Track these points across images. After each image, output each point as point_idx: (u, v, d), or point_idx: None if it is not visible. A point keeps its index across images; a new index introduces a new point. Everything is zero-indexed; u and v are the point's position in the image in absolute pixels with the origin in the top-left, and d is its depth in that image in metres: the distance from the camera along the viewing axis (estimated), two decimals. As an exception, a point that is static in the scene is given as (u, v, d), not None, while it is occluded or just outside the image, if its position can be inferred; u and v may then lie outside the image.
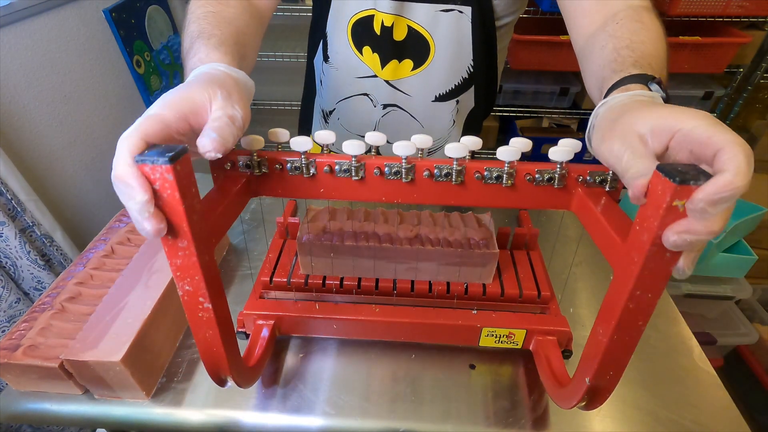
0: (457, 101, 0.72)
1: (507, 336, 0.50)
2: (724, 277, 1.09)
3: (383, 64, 0.69)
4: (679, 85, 1.57)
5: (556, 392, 0.43)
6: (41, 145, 1.00)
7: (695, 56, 1.39)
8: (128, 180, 0.26)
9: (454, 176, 0.37)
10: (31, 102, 0.97)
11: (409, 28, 0.65)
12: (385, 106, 0.73)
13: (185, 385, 0.50)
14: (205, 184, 0.34)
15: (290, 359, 0.53)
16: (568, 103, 1.64)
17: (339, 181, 0.39)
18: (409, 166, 0.38)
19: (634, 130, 0.29)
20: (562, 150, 0.35)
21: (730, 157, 0.24)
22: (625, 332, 0.31)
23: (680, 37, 1.35)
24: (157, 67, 1.38)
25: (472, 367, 0.52)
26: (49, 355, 0.45)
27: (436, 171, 0.38)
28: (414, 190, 0.39)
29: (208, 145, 0.30)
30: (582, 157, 0.38)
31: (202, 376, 0.51)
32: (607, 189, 0.37)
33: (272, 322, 0.51)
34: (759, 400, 1.24)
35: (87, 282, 0.54)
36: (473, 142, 0.38)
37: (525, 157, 0.38)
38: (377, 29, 0.66)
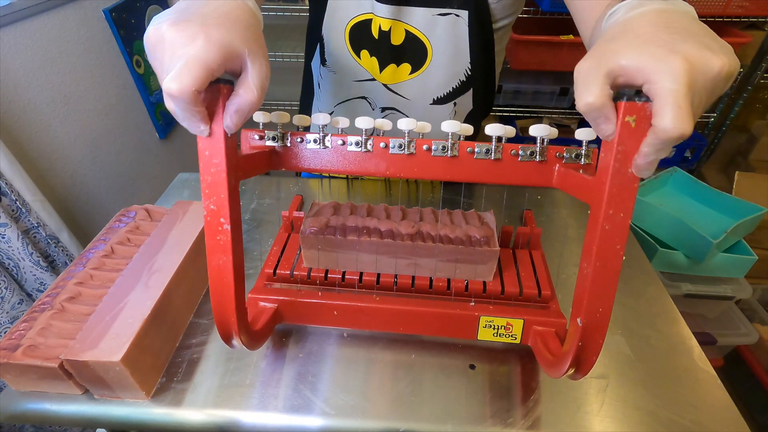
0: (455, 104, 0.72)
1: (505, 327, 0.50)
2: (724, 277, 1.09)
3: (381, 68, 0.69)
4: (679, 85, 1.57)
5: (550, 363, 0.44)
6: (41, 144, 1.00)
7: (695, 56, 1.39)
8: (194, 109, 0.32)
9: (449, 149, 0.43)
10: (31, 102, 0.97)
11: (407, 32, 0.65)
12: (383, 109, 0.73)
13: (185, 385, 0.50)
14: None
15: (290, 359, 0.53)
16: (568, 103, 1.64)
17: (349, 155, 0.44)
18: (411, 140, 0.43)
19: (609, 59, 0.30)
20: (540, 127, 0.41)
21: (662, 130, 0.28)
22: (606, 259, 0.34)
23: (680, 37, 1.35)
24: (157, 67, 1.38)
25: (472, 367, 0.52)
26: (49, 355, 0.45)
27: (434, 146, 0.43)
28: (414, 164, 0.44)
29: (233, 129, 0.35)
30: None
31: (202, 376, 0.51)
32: (582, 162, 0.42)
33: (275, 305, 0.52)
34: (759, 400, 1.24)
35: (87, 282, 0.54)
36: (464, 128, 0.43)
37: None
38: (375, 33, 0.66)
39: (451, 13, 0.63)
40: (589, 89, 0.30)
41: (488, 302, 0.52)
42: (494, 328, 0.51)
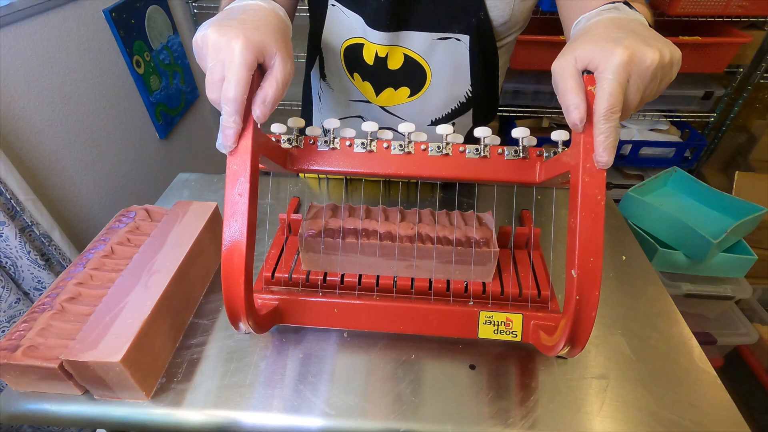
0: (453, 123, 0.71)
1: (505, 323, 0.50)
2: (724, 277, 1.09)
3: (377, 92, 0.68)
4: (679, 85, 1.57)
5: (546, 344, 0.45)
6: (41, 145, 1.00)
7: (695, 56, 1.39)
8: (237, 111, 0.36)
9: (443, 148, 0.48)
10: (31, 102, 0.97)
11: (406, 56, 0.63)
12: (380, 129, 0.73)
13: (185, 386, 0.50)
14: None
15: (290, 360, 0.53)
16: (568, 103, 1.63)
17: (355, 156, 0.49)
18: (410, 141, 0.48)
19: (572, 54, 0.36)
20: (521, 129, 0.47)
21: (599, 110, 0.34)
22: (590, 209, 0.36)
23: (680, 37, 1.35)
24: (156, 68, 1.38)
25: (472, 367, 0.52)
26: (49, 356, 0.45)
27: (430, 146, 0.48)
28: (413, 163, 0.49)
29: (262, 118, 0.38)
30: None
31: (202, 377, 0.51)
32: None
33: (276, 302, 0.52)
34: (759, 400, 1.24)
35: (87, 282, 0.54)
36: (455, 136, 0.49)
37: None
38: (368, 59, 0.64)
39: (451, 38, 0.61)
40: (566, 82, 0.36)
41: (488, 302, 0.53)
42: (494, 325, 0.51)
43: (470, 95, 0.67)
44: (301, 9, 1.57)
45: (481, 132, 0.47)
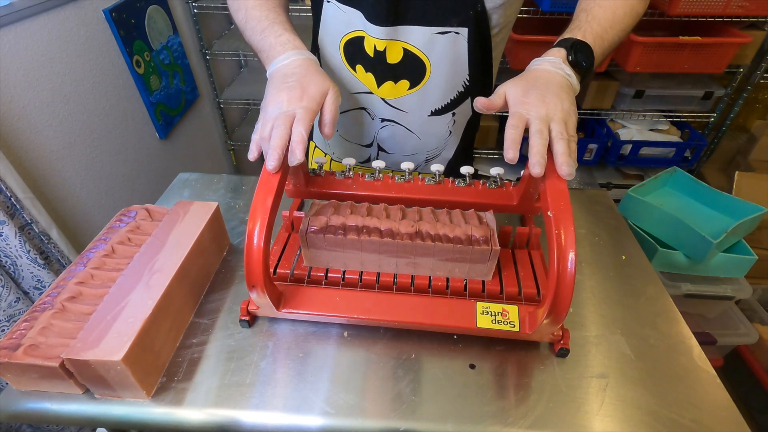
0: (453, 113, 0.71)
1: (501, 314, 0.51)
2: (724, 277, 1.09)
3: (379, 83, 0.68)
4: (679, 85, 1.57)
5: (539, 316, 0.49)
6: (41, 145, 1.00)
7: (695, 56, 1.39)
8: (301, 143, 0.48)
9: (436, 178, 0.60)
10: (31, 102, 0.97)
11: (405, 50, 0.64)
12: (382, 120, 0.73)
13: (186, 385, 0.50)
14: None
15: (290, 359, 0.53)
16: (568, 103, 1.63)
17: (365, 183, 0.60)
18: (410, 174, 0.60)
19: (505, 89, 0.50)
20: (497, 168, 0.60)
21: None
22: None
23: (680, 37, 1.35)
24: (156, 67, 1.38)
25: (472, 366, 0.52)
26: (50, 355, 0.45)
27: (427, 177, 0.60)
28: (412, 188, 0.59)
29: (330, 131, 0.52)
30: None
31: (202, 376, 0.51)
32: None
33: (280, 291, 0.53)
34: (759, 400, 1.24)
35: (88, 281, 0.54)
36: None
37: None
38: (369, 51, 0.65)
39: (450, 32, 0.61)
40: (493, 95, 0.50)
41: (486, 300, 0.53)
42: (491, 315, 0.51)
43: (468, 84, 0.68)
44: (301, 9, 1.57)
45: (466, 170, 0.59)
